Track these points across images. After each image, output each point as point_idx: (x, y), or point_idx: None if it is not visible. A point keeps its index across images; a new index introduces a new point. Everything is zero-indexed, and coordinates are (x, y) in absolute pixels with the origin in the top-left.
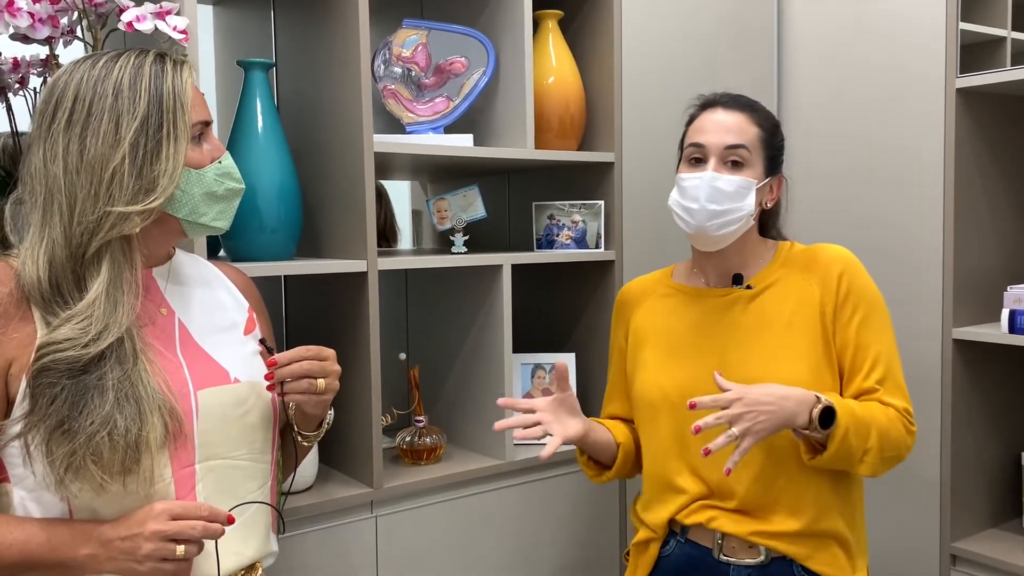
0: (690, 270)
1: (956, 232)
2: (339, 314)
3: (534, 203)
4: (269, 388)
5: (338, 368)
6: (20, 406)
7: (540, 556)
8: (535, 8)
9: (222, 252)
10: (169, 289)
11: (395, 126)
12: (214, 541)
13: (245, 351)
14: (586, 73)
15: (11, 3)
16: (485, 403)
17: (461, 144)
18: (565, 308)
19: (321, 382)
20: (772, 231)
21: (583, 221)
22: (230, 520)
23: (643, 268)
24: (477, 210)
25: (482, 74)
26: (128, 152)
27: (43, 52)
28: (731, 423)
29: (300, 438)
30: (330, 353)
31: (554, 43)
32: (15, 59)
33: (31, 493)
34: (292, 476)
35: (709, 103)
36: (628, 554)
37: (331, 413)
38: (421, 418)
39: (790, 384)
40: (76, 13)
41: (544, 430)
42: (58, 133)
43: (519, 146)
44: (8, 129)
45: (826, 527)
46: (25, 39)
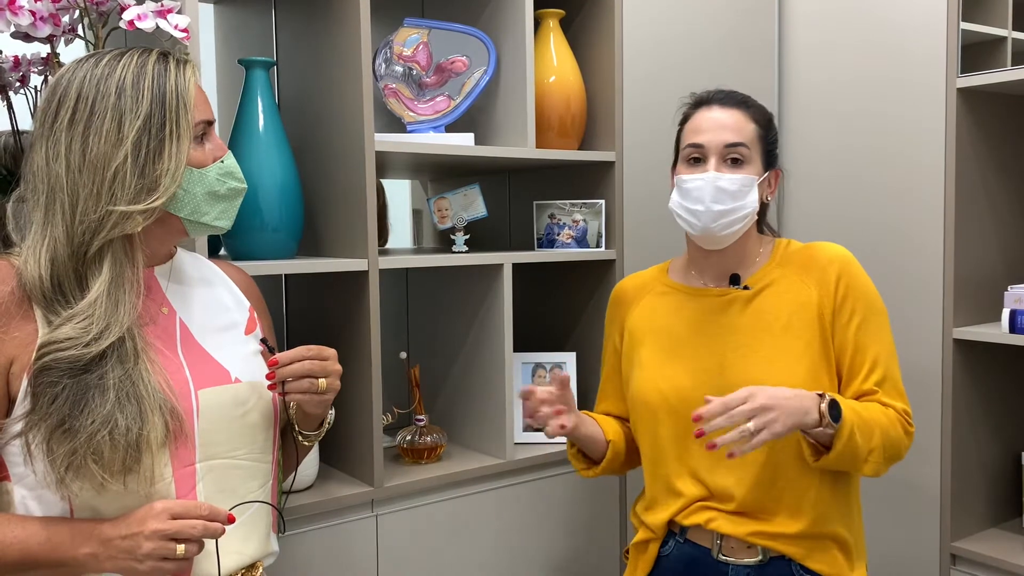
0: (687, 268)
1: (956, 231)
2: (340, 313)
3: (535, 202)
4: (270, 388)
5: (339, 368)
6: (21, 405)
7: (540, 556)
8: (536, 7)
9: (223, 251)
10: (170, 288)
11: (396, 125)
12: (214, 540)
13: (246, 351)
14: (587, 72)
15: (12, 1)
16: (486, 402)
17: (462, 143)
18: (566, 307)
19: (322, 382)
20: (763, 225)
21: (584, 220)
22: (230, 519)
23: (644, 267)
24: (478, 209)
25: (483, 73)
26: (131, 151)
27: (44, 50)
28: (750, 417)
29: (301, 438)
30: (331, 353)
31: (555, 42)
32: (16, 57)
33: (32, 492)
34: (293, 476)
35: (703, 101)
36: (628, 553)
37: (332, 413)
38: (422, 417)
39: (787, 387)
40: (77, 11)
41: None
42: (61, 132)
43: (520, 145)
44: (9, 127)
45: (825, 529)
46: (26, 37)
